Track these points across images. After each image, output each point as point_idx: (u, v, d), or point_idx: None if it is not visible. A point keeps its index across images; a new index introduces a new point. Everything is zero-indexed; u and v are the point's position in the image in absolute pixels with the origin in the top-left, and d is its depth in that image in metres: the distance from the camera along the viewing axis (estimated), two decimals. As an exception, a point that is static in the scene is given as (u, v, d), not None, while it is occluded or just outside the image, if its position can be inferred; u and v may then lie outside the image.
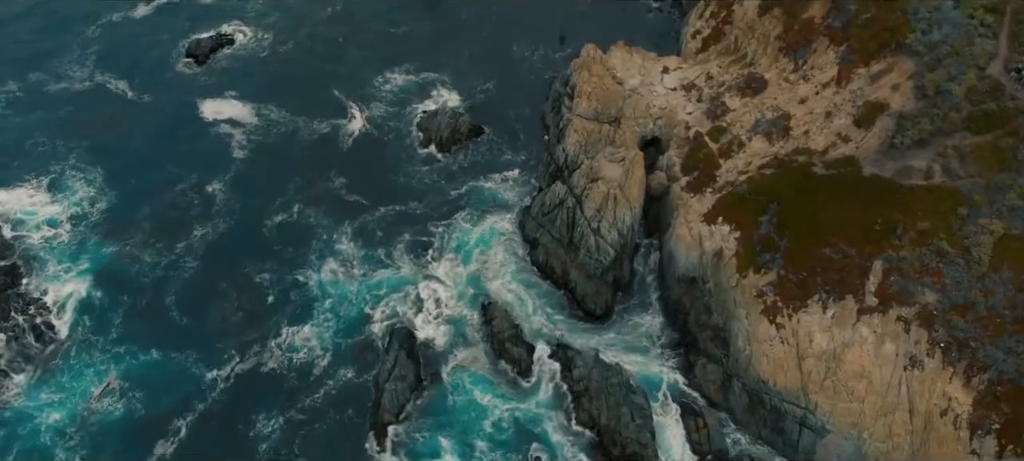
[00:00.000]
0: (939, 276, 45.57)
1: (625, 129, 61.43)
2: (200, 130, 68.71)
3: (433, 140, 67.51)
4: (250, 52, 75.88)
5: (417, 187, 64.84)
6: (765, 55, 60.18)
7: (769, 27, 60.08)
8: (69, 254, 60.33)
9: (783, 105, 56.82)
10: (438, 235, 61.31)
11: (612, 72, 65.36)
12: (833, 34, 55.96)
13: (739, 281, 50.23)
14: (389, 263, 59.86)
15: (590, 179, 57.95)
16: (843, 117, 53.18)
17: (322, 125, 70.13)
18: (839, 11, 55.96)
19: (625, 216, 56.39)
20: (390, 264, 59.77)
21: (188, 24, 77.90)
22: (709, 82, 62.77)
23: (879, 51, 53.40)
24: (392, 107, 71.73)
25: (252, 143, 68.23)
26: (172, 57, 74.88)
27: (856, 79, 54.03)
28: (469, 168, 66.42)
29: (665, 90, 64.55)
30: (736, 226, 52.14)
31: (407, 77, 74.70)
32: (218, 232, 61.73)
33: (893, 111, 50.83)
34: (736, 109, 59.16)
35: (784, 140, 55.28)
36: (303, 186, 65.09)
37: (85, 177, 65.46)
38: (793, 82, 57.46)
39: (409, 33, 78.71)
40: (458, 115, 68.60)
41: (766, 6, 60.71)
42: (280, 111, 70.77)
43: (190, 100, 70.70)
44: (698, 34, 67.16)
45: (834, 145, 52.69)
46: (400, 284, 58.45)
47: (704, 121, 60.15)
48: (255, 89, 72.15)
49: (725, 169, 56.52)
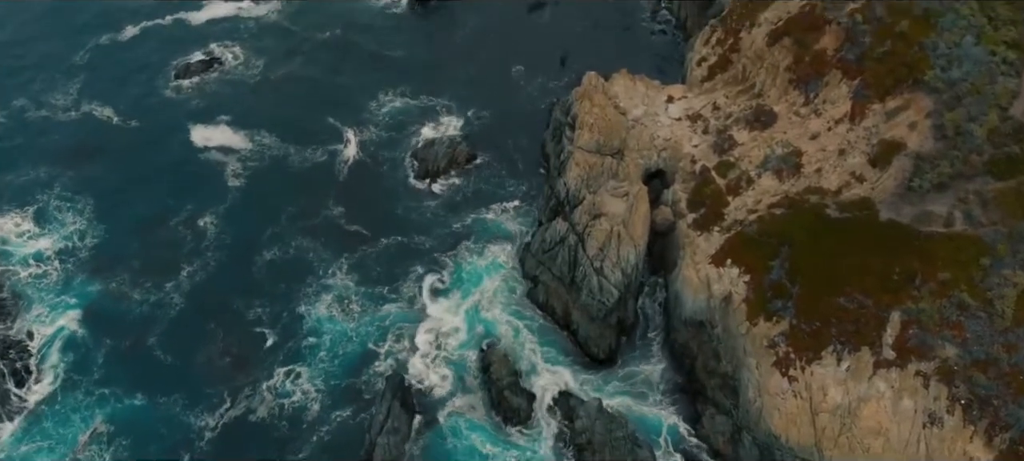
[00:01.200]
0: (960, 330, 43.50)
1: (628, 162, 59.27)
2: (191, 157, 66.46)
3: (430, 170, 65.31)
4: (242, 75, 73.60)
5: (415, 219, 62.64)
6: (774, 86, 58.00)
7: (779, 57, 57.90)
8: (56, 291, 58.34)
9: (793, 140, 54.67)
10: (437, 270, 59.08)
11: (614, 101, 63.22)
12: (846, 67, 53.78)
13: (749, 329, 48.13)
14: (386, 299, 57.62)
15: (592, 216, 55.84)
16: (857, 155, 51.05)
17: (317, 152, 67.89)
18: (853, 43, 53.77)
19: (629, 255, 54.27)
20: (387, 301, 57.54)
21: (177, 47, 75.53)
22: (715, 113, 60.60)
23: (895, 87, 51.26)
24: (388, 134, 69.47)
25: (246, 170, 65.97)
26: (160, 81, 72.55)
27: (871, 115, 51.90)
28: (468, 199, 64.19)
29: (670, 120, 62.38)
30: (745, 269, 50.03)
31: (404, 102, 72.45)
32: (209, 267, 59.50)
33: (910, 151, 48.71)
34: (744, 143, 57.01)
35: (795, 178, 53.15)
36: (298, 216, 62.90)
37: (73, 208, 63.35)
38: (804, 116, 55.30)
39: (406, 57, 76.42)
40: (456, 144, 66.42)
41: (775, 35, 58.53)
42: (273, 137, 68.51)
43: (180, 126, 68.41)
44: (704, 61, 64.97)
45: (848, 185, 50.57)
46: (397, 322, 56.25)
47: (710, 155, 58.01)
48: (247, 114, 69.88)
49: (733, 207, 54.37)
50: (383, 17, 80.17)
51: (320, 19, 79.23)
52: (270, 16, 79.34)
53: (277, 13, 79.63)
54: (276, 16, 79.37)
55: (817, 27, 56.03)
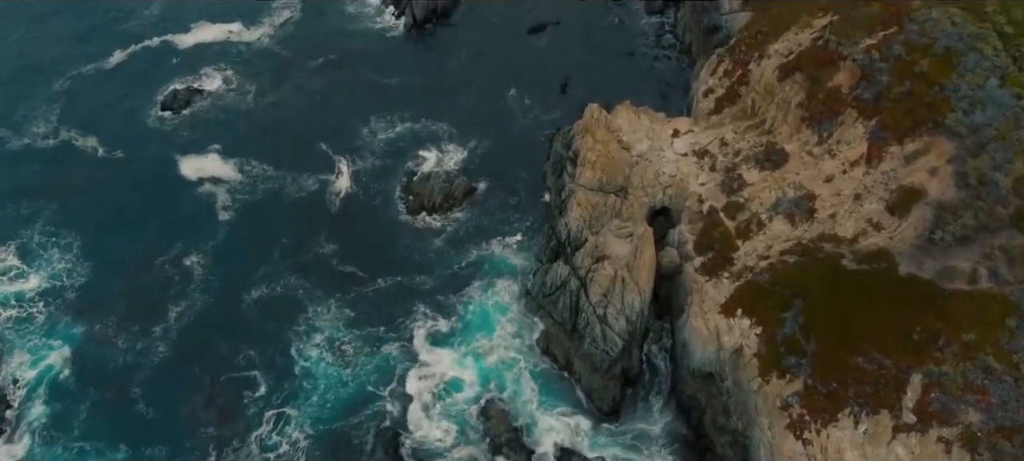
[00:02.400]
0: (984, 394, 41.03)
1: (633, 200, 56.87)
2: (178, 190, 64.09)
3: (426, 205, 62.89)
4: (232, 102, 71.20)
5: (411, 256, 60.22)
6: (785, 123, 55.57)
7: (790, 93, 55.47)
8: (40, 334, 56.21)
9: (806, 182, 52.25)
10: (435, 312, 56.57)
11: (618, 135, 60.84)
12: (862, 107, 51.32)
13: (761, 386, 45.66)
14: (382, 341, 55.22)
15: (595, 259, 53.49)
16: (874, 201, 48.62)
17: (311, 182, 65.57)
18: (869, 82, 51.31)
19: (634, 301, 51.90)
20: (383, 343, 55.11)
21: (165, 72, 73.19)
22: (723, 149, 58.17)
23: (914, 129, 48.78)
24: (384, 162, 67.12)
25: (235, 203, 63.61)
26: (147, 109, 70.11)
27: (888, 158, 49.45)
28: (467, 235, 61.79)
29: (675, 156, 59.94)
30: (757, 321, 47.56)
31: (400, 129, 70.10)
32: (196, 309, 57.21)
33: (931, 199, 46.26)
34: (754, 183, 54.59)
35: (808, 223, 50.71)
36: (290, 252, 60.60)
37: (57, 244, 61.24)
38: (817, 157, 52.87)
39: (402, 83, 74.01)
40: (453, 177, 64.00)
41: (786, 70, 56.07)
42: (265, 167, 66.17)
43: (167, 156, 66.01)
44: (711, 93, 62.48)
45: (864, 233, 48.13)
46: (393, 368, 53.83)
47: (719, 195, 55.58)
48: (237, 143, 67.47)
49: (743, 251, 51.93)
50: (378, 41, 77.79)
51: (313, 44, 76.85)
52: (262, 40, 76.94)
53: (269, 37, 77.23)
54: (268, 40, 76.97)
55: (831, 63, 53.59)
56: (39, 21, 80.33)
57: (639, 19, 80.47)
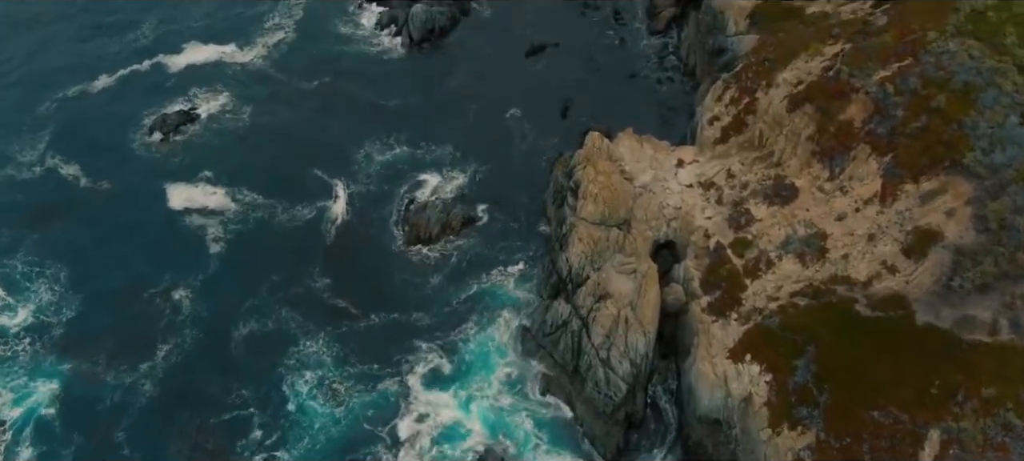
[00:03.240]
0: (1005, 451, 39.17)
1: (636, 234, 54.98)
2: (167, 220, 62.00)
3: (423, 236, 60.88)
4: (224, 127, 69.06)
5: (408, 291, 58.17)
6: (795, 156, 53.68)
7: (800, 125, 53.59)
8: (26, 373, 54.20)
9: (817, 220, 50.36)
10: (432, 351, 54.52)
11: (620, 165, 58.94)
12: (876, 142, 49.45)
13: (772, 437, 43.80)
14: (376, 380, 53.26)
15: (597, 297, 51.59)
16: (889, 243, 46.73)
17: (305, 210, 63.47)
18: (883, 116, 49.43)
19: (638, 343, 50.01)
20: (377, 383, 53.16)
21: (155, 96, 70.99)
22: (730, 181, 56.27)
23: (931, 167, 46.93)
24: (380, 189, 65.07)
25: (226, 234, 61.55)
26: (135, 135, 67.97)
27: (903, 197, 47.56)
28: (465, 267, 59.72)
29: (680, 187, 58.02)
30: (767, 367, 45.75)
31: (397, 154, 68.04)
32: (185, 346, 55.27)
33: (948, 243, 44.37)
34: (762, 219, 52.72)
35: (819, 263, 48.84)
36: (282, 285, 58.54)
37: (41, 277, 59.42)
38: (828, 193, 51.01)
39: (399, 105, 71.96)
40: (450, 207, 62.01)
41: (796, 101, 54.20)
42: (257, 195, 64.04)
43: (155, 185, 63.90)
44: (716, 121, 60.56)
45: (879, 276, 46.23)
46: (387, 409, 51.88)
47: (726, 230, 53.69)
48: (229, 170, 65.36)
49: (752, 291, 50.06)
50: (375, 62, 75.73)
51: (309, 65, 74.73)
52: (255, 62, 74.86)
53: (263, 59, 75.15)
54: (262, 62, 74.90)
55: (843, 95, 51.71)
56: (24, 42, 78.22)
57: (641, 39, 78.55)
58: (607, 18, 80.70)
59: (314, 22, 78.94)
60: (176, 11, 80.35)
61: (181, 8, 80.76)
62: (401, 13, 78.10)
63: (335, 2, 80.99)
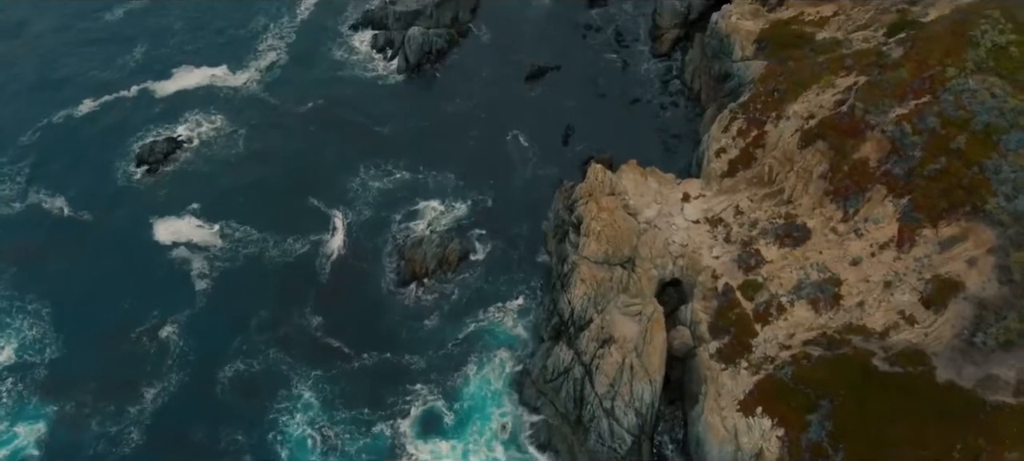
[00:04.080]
0: (1033, 520, 37.08)
1: (641, 274, 52.81)
2: (153, 256, 59.76)
3: (419, 271, 58.68)
4: (214, 155, 66.79)
5: (402, 330, 56.05)
6: (806, 194, 51.55)
7: (811, 162, 51.46)
8: (9, 416, 52.11)
9: (830, 264, 48.19)
10: (428, 396, 52.44)
11: (623, 198, 56.76)
12: (892, 183, 47.32)
13: (784, 497, 41.70)
14: (368, 426, 51.11)
15: (601, 342, 49.44)
16: (907, 292, 44.56)
17: (296, 244, 61.30)
18: (900, 156, 47.29)
19: (644, 391, 47.85)
20: (370, 428, 51.03)
21: (142, 123, 68.85)
22: (738, 218, 54.14)
23: (950, 212, 44.81)
24: (376, 220, 62.94)
25: (215, 270, 59.32)
26: (121, 165, 65.72)
27: (921, 243, 45.43)
28: (462, 304, 57.60)
29: (686, 223, 55.89)
30: (779, 422, 43.60)
31: (393, 182, 65.95)
32: (172, 389, 53.27)
33: (970, 294, 42.25)
34: (773, 261, 50.54)
35: (833, 310, 46.67)
36: (271, 324, 56.44)
37: (24, 314, 57.48)
38: (842, 235, 48.84)
39: (396, 132, 69.84)
40: (446, 241, 59.82)
41: (808, 137, 52.07)
42: (248, 228, 61.85)
43: (141, 219, 61.69)
44: (723, 153, 58.44)
45: (896, 326, 44.07)
46: (379, 456, 49.71)
47: (735, 271, 51.51)
48: (218, 202, 63.16)
49: (762, 338, 47.88)
50: (371, 87, 73.56)
51: (303, 90, 72.52)
52: (248, 86, 72.63)
53: (256, 83, 72.92)
54: (255, 86, 72.67)
55: (857, 132, 49.59)
56: (5, 66, 75.92)
57: (644, 62, 76.43)
58: (609, 40, 78.61)
59: (308, 45, 76.76)
60: (166, 33, 78.26)
61: (172, 29, 78.72)
62: (397, 36, 75.94)
63: (330, 24, 78.87)
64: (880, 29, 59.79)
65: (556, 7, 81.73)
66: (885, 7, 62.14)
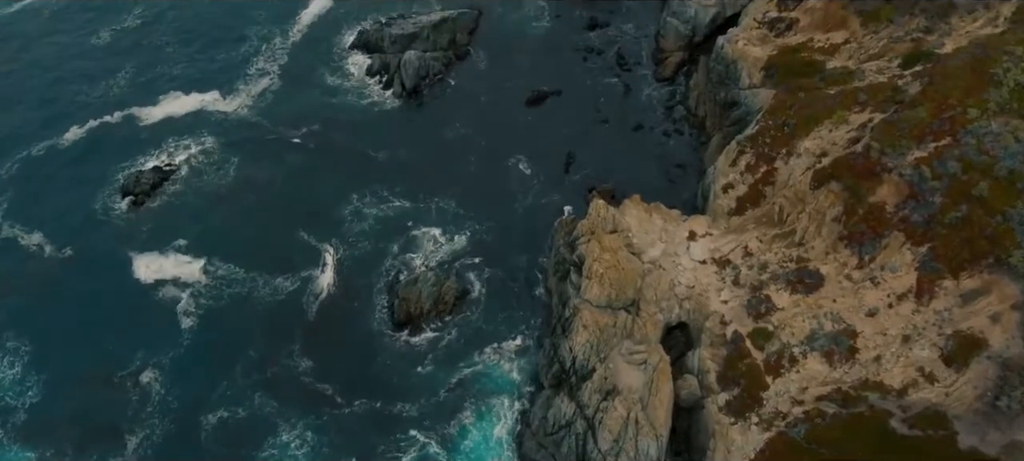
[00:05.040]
0: None
1: (645, 318, 50.52)
2: (137, 295, 57.49)
3: (414, 312, 56.37)
4: (202, 186, 64.40)
5: (395, 374, 53.77)
6: (819, 237, 49.24)
7: (824, 204, 49.14)
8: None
9: (845, 314, 45.87)
10: (419, 445, 50.12)
11: (627, 236, 54.49)
12: (910, 230, 45.01)
13: None
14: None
15: (604, 394, 47.20)
16: (927, 347, 42.27)
17: (285, 281, 59.00)
18: (918, 201, 44.98)
19: (649, 447, 45.51)
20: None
21: (127, 152, 66.41)
22: (747, 260, 51.82)
23: (972, 262, 42.54)
24: (369, 256, 60.70)
25: (200, 309, 57.08)
26: (104, 197, 63.34)
27: (942, 295, 43.14)
28: (458, 346, 55.34)
29: (692, 264, 53.57)
30: (792, 484, 41.34)
31: (388, 213, 63.73)
32: (155, 437, 51.10)
33: (993, 353, 39.97)
34: (784, 308, 48.19)
35: (848, 364, 44.35)
36: (259, 366, 54.34)
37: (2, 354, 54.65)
38: (857, 282, 46.52)
39: (392, 159, 67.52)
40: (442, 280, 57.49)
41: (821, 177, 49.74)
42: (235, 265, 59.53)
43: (124, 255, 59.43)
44: (730, 189, 56.14)
45: (915, 384, 41.78)
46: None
47: (744, 317, 49.17)
48: (206, 237, 60.83)
49: (774, 391, 45.55)
50: (366, 112, 71.21)
51: (296, 115, 70.12)
52: (239, 112, 70.24)
53: (247, 108, 70.52)
54: (246, 111, 70.28)
55: (872, 175, 47.24)
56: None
57: (646, 87, 74.13)
58: (610, 64, 76.31)
59: (301, 68, 74.45)
60: (155, 55, 75.92)
61: (161, 52, 76.31)
62: (393, 60, 73.61)
63: (324, 47, 76.52)
64: (894, 59, 57.50)
65: (556, 28, 79.47)
66: (898, 36, 59.83)
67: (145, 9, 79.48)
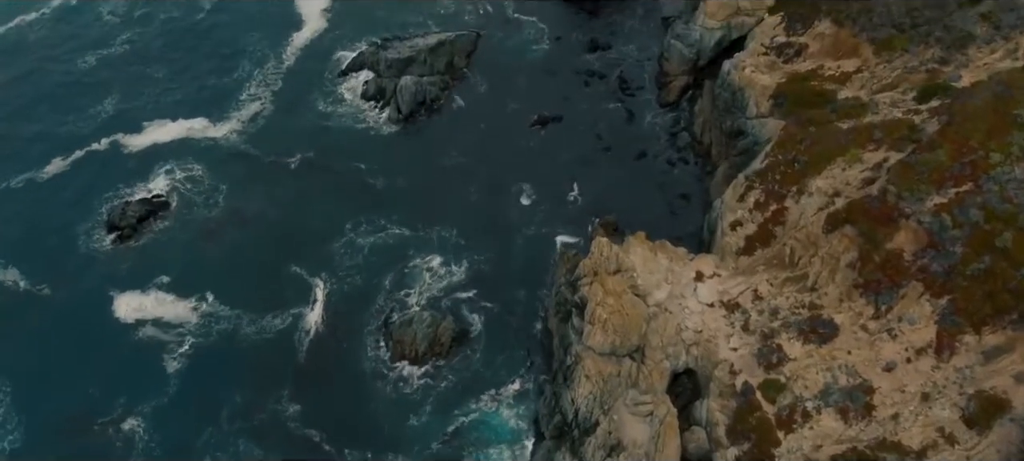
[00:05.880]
0: None
1: (651, 366, 48.30)
2: (120, 336, 55.38)
3: (408, 353, 54.21)
4: (190, 218, 62.12)
5: (388, 421, 51.65)
6: (833, 283, 47.03)
7: (838, 249, 46.94)
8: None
9: (861, 368, 43.67)
10: (412, 502, 48.30)
11: (631, 276, 52.28)
12: (929, 281, 42.83)
13: None
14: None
15: (608, 450, 45.05)
16: (947, 407, 40.07)
17: (275, 319, 56.86)
18: (937, 251, 42.80)
19: (654, 506, 43.38)
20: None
21: (111, 182, 64.08)
22: (757, 304, 49.60)
23: (995, 317, 40.41)
24: (363, 291, 58.65)
25: (186, 350, 54.98)
26: (88, 231, 60.94)
27: (963, 351, 40.98)
28: (455, 392, 53.19)
29: (700, 306, 51.33)
30: (806, 553, 39.17)
31: (383, 244, 61.73)
32: (138, 488, 48.86)
33: (1017, 415, 37.79)
34: (797, 358, 45.98)
35: (865, 421, 42.12)
36: (245, 411, 52.34)
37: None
38: (873, 334, 44.33)
39: (389, 188, 65.29)
40: (438, 320, 55.27)
41: (834, 220, 47.53)
42: (222, 302, 57.36)
43: (107, 293, 57.24)
44: (739, 226, 53.98)
45: (935, 446, 39.53)
46: None
47: (754, 366, 46.94)
48: (192, 272, 58.61)
49: (786, 448, 43.25)
50: (361, 138, 68.92)
51: (288, 142, 67.80)
52: (229, 138, 67.92)
53: (237, 134, 68.19)
54: (236, 137, 67.97)
55: (889, 220, 45.05)
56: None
57: (649, 112, 71.94)
58: (612, 88, 74.10)
59: (295, 93, 72.14)
60: (143, 80, 73.38)
61: (149, 76, 73.78)
62: (389, 84, 71.39)
63: (318, 71, 74.22)
64: (909, 91, 55.34)
65: (556, 51, 77.26)
66: (912, 66, 57.67)
67: (133, 33, 77.18)
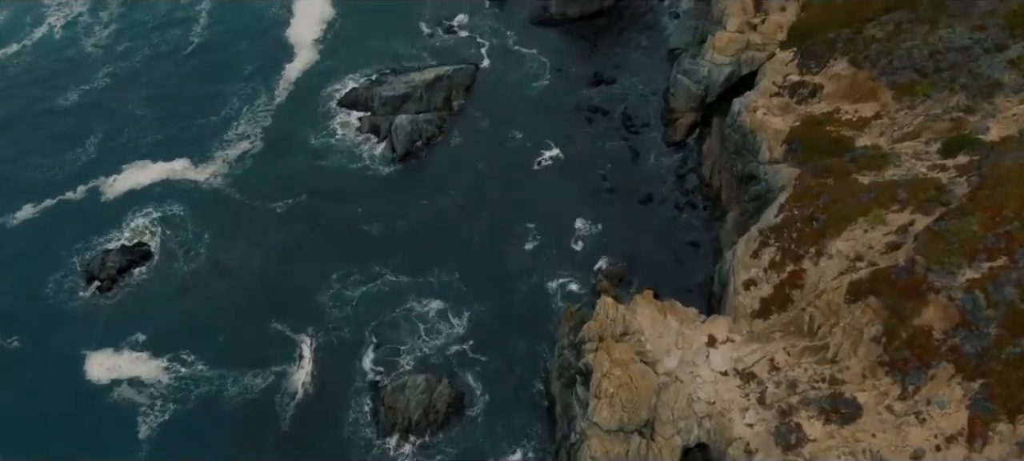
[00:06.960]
0: None
1: (661, 443, 45.33)
2: (92, 398, 52.40)
3: (401, 423, 51.04)
4: (168, 270, 58.79)
5: (380, 503, 48.67)
6: (855, 357, 43.98)
7: (861, 320, 43.89)
8: None
9: (887, 453, 40.59)
10: None
11: (639, 340, 49.21)
12: (961, 362, 39.83)
13: None
14: None
15: (617, 539, 41.91)
16: (983, 504, 37.04)
17: (258, 380, 53.84)
18: (970, 330, 39.78)
19: None
20: None
21: (84, 231, 60.68)
22: (774, 375, 46.51)
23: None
24: (352, 348, 55.56)
25: (163, 414, 52.12)
26: (61, 283, 57.72)
27: (998, 441, 37.97)
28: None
29: (713, 375, 48.23)
30: None
31: (376, 295, 58.76)
32: None
33: (1063, 518, 34.75)
34: (817, 439, 42.85)
35: (892, 516, 39.10)
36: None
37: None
38: (899, 416, 41.27)
39: (385, 235, 62.14)
40: (433, 386, 52.14)
41: (857, 290, 44.48)
42: (201, 361, 54.36)
43: (77, 351, 53.94)
44: (753, 286, 50.89)
45: (971, 547, 36.56)
46: None
47: (771, 445, 43.81)
48: (170, 328, 55.46)
49: (806, 540, 40.32)
50: (355, 180, 65.62)
51: (278, 184, 64.45)
52: (213, 181, 64.58)
53: (222, 177, 64.82)
54: (220, 181, 64.62)
55: (917, 294, 42.02)
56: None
57: (655, 151, 68.85)
58: (616, 125, 70.95)
59: (284, 131, 68.84)
60: (126, 119, 69.66)
61: (132, 115, 69.99)
62: (384, 122, 68.23)
63: (309, 108, 70.88)
64: (933, 142, 52.38)
65: (557, 86, 74.11)
66: (936, 113, 54.67)
67: (116, 67, 73.76)
